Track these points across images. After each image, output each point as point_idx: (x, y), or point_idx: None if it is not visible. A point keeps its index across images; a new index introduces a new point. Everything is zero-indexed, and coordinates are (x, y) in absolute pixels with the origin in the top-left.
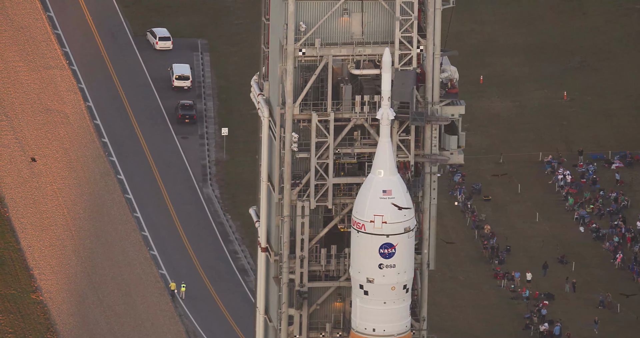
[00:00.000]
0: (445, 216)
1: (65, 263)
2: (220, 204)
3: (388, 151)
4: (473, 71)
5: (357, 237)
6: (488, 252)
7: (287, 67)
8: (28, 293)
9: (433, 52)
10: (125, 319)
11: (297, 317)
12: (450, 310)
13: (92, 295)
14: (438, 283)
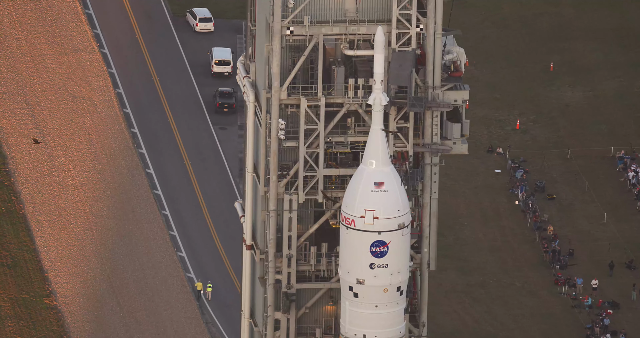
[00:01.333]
0: (504, 217)
1: (83, 265)
2: None
3: (380, 140)
4: (543, 57)
5: (347, 234)
6: (549, 256)
7: (273, 47)
8: (41, 297)
9: (434, 31)
10: (146, 326)
11: (284, 321)
12: (505, 319)
13: (111, 300)
14: (493, 290)
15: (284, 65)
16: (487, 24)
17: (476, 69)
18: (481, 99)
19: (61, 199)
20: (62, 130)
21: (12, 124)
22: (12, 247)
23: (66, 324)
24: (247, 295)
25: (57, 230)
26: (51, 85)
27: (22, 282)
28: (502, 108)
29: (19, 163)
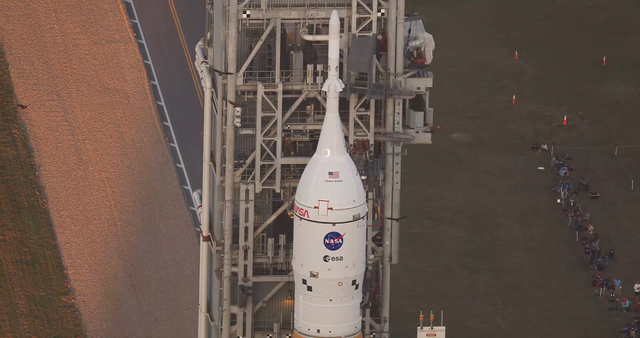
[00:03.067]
0: (545, 215)
1: (104, 262)
2: None
3: (335, 128)
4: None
5: (300, 225)
6: (588, 257)
7: (229, 32)
8: (59, 295)
9: (396, 16)
10: (165, 327)
11: (241, 316)
12: (539, 321)
13: (131, 299)
14: (527, 291)
15: (241, 50)
16: (539, 16)
17: (525, 63)
18: (528, 93)
19: (86, 194)
20: (91, 123)
21: (40, 117)
22: (32, 243)
23: (83, 323)
24: (203, 288)
25: (80, 225)
26: (84, 76)
27: (40, 279)
28: (549, 103)
29: (45, 156)
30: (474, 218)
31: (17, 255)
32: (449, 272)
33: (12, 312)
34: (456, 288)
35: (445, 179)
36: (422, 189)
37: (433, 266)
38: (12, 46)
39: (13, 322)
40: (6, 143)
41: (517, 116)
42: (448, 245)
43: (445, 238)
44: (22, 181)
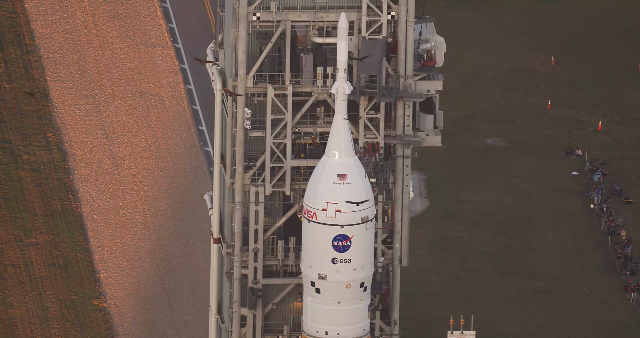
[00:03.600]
0: (578, 219)
1: (137, 266)
2: None
3: (344, 130)
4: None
5: (308, 227)
6: (620, 262)
7: (239, 34)
8: (90, 298)
9: (406, 19)
10: (196, 330)
11: (251, 318)
12: (570, 326)
13: (163, 303)
14: (559, 295)
15: (251, 52)
16: (576, 21)
17: (561, 68)
18: (564, 98)
19: (120, 198)
20: (127, 127)
21: (76, 120)
22: (64, 247)
23: (114, 326)
24: (214, 290)
25: (112, 229)
26: (120, 80)
27: (72, 283)
28: (584, 108)
29: (80, 160)
30: (507, 223)
31: (49, 258)
32: (480, 276)
33: (44, 316)
34: (488, 292)
35: (478, 184)
36: (455, 194)
37: (465, 270)
38: (49, 50)
39: (44, 325)
40: (41, 147)
41: (552, 120)
42: (480, 249)
43: (478, 242)
44: (56, 185)
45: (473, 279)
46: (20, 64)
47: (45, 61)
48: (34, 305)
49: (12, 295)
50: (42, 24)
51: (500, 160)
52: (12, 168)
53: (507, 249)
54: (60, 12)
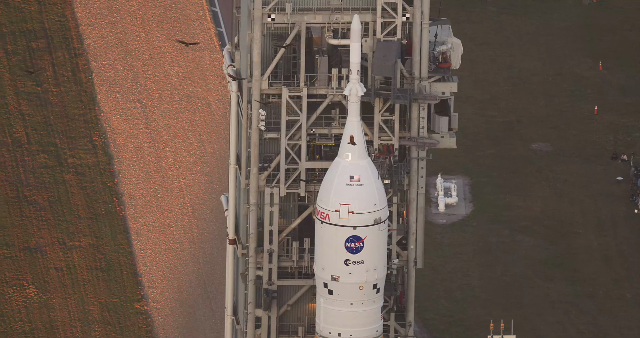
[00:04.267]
0: (622, 225)
1: (179, 270)
2: None
3: (357, 132)
4: None
5: (321, 229)
6: None
7: (254, 35)
8: (132, 302)
9: (421, 21)
10: None
11: (265, 319)
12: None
13: (205, 306)
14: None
15: (266, 54)
16: (625, 27)
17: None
18: (611, 103)
19: (164, 201)
20: (173, 130)
21: (122, 124)
22: (107, 250)
23: (155, 330)
24: (230, 291)
25: (156, 232)
26: (167, 84)
27: (114, 286)
28: (631, 113)
29: (125, 163)
30: (551, 227)
31: (92, 261)
32: (524, 281)
33: (85, 319)
34: (530, 296)
35: (524, 189)
36: (500, 199)
37: (508, 275)
38: (96, 54)
39: (85, 328)
40: (87, 150)
41: (598, 126)
42: (524, 253)
43: (521, 247)
44: (101, 188)
45: (516, 284)
46: (68, 68)
47: (93, 65)
48: (75, 308)
49: (54, 298)
50: (91, 28)
51: (546, 165)
52: (57, 171)
53: (550, 254)
54: (110, 16)
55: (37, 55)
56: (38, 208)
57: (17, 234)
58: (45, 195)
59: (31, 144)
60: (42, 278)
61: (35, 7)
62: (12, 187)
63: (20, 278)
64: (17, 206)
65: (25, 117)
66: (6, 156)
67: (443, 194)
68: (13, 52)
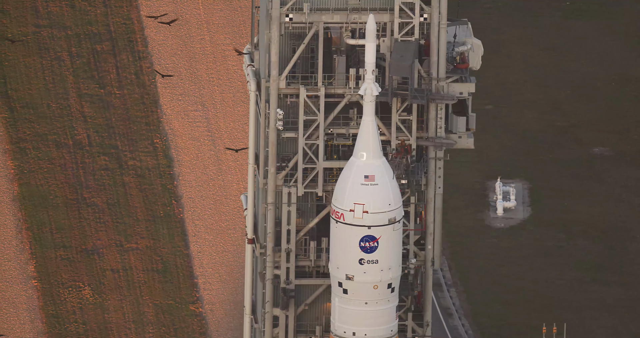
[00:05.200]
0: None
1: (235, 272)
2: None
3: (372, 131)
4: None
5: (336, 228)
6: None
7: (272, 35)
8: (187, 304)
9: (439, 21)
10: None
11: (283, 318)
12: None
13: None
14: None
15: (284, 53)
16: None
17: None
18: None
19: (223, 204)
20: (234, 133)
21: (183, 127)
22: (164, 252)
23: (209, 331)
24: (248, 290)
25: (213, 235)
26: (230, 87)
27: (170, 288)
28: None
29: (185, 166)
30: (608, 232)
31: (149, 263)
32: (578, 285)
33: (139, 320)
34: (585, 300)
35: (582, 193)
36: (558, 203)
37: (563, 279)
38: (160, 56)
39: (139, 329)
40: (147, 153)
41: None
42: (579, 257)
43: (577, 250)
44: (160, 191)
45: (570, 287)
46: (132, 70)
47: (157, 68)
48: (130, 309)
49: (109, 299)
50: (156, 31)
51: (605, 170)
52: (117, 173)
53: (606, 258)
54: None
55: (102, 58)
56: (97, 210)
57: (74, 236)
58: (104, 197)
59: (92, 146)
60: (97, 280)
61: (101, 10)
62: (71, 189)
63: (76, 279)
64: (76, 208)
65: (87, 120)
66: (67, 158)
67: (501, 198)
68: (77, 54)
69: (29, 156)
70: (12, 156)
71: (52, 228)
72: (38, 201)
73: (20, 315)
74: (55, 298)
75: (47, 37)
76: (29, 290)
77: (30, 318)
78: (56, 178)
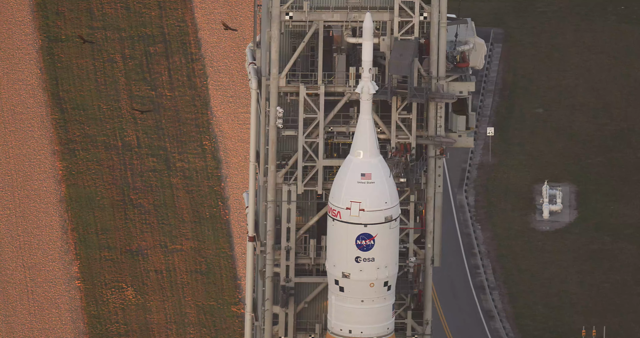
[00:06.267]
0: None
1: None
2: (472, 212)
3: (369, 130)
4: None
5: (333, 226)
6: None
7: (272, 33)
8: (229, 305)
9: (438, 20)
10: None
11: (283, 316)
12: None
13: None
14: None
15: (284, 52)
16: None
17: None
18: None
19: None
20: None
21: (233, 129)
22: (209, 253)
23: None
24: (249, 288)
25: None
26: None
27: (213, 289)
28: None
29: (233, 168)
30: None
31: (192, 264)
32: (623, 288)
33: (181, 321)
34: (629, 304)
35: (631, 196)
36: (606, 206)
37: (608, 282)
38: (213, 59)
39: (180, 330)
40: (196, 154)
41: None
42: (625, 260)
43: (623, 254)
44: (207, 192)
45: (615, 291)
46: (184, 72)
47: (209, 70)
48: (172, 310)
49: (151, 300)
50: (210, 33)
51: None
52: (164, 175)
53: None
54: (229, 21)
55: (154, 59)
56: (143, 211)
57: (120, 237)
58: (151, 199)
59: (141, 147)
60: (141, 281)
61: (156, 12)
62: (118, 190)
63: (120, 280)
64: (122, 209)
65: (137, 121)
66: (115, 160)
67: (548, 202)
68: (130, 56)
69: (78, 157)
70: (61, 157)
71: (97, 229)
72: (85, 202)
73: (62, 316)
74: (98, 298)
75: (100, 39)
76: (72, 291)
77: (72, 318)
78: (104, 180)
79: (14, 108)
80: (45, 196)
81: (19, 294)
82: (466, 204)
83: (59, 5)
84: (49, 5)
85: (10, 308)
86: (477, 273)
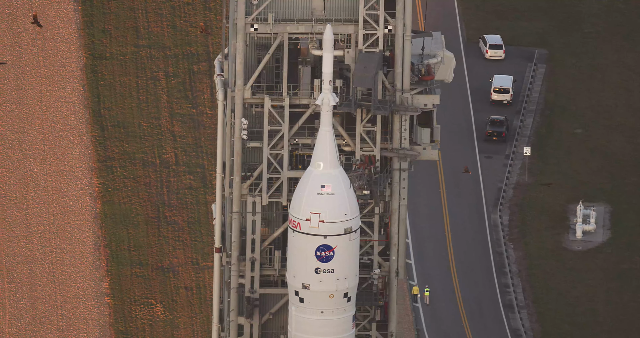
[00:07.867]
0: None
1: None
2: (505, 232)
3: (329, 141)
4: None
5: (293, 237)
6: None
7: (237, 45)
8: None
9: (403, 33)
10: None
11: (248, 327)
12: None
13: None
14: None
15: (250, 64)
16: None
17: None
18: None
19: None
20: None
21: None
22: None
23: None
24: (216, 299)
25: None
26: None
27: None
28: None
29: None
30: None
31: None
32: None
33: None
34: None
35: None
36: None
37: (636, 302)
38: None
39: None
40: None
41: None
42: None
43: None
44: None
45: None
46: None
47: None
48: (200, 327)
49: (180, 316)
50: None
51: None
52: (200, 192)
53: None
54: None
55: (197, 77)
56: (176, 228)
57: (152, 253)
58: (185, 216)
59: (179, 165)
60: (170, 298)
61: None
62: (153, 207)
63: (149, 296)
64: (156, 226)
65: (176, 139)
66: (152, 177)
67: (581, 222)
68: (173, 74)
69: (115, 174)
70: (98, 174)
71: (130, 245)
72: (119, 218)
73: (90, 331)
74: (127, 315)
75: (145, 57)
76: (100, 307)
77: (99, 334)
78: (139, 196)
79: (54, 125)
80: (80, 213)
81: (48, 310)
82: (499, 224)
83: (105, 23)
84: (96, 23)
85: (39, 323)
86: (506, 292)
